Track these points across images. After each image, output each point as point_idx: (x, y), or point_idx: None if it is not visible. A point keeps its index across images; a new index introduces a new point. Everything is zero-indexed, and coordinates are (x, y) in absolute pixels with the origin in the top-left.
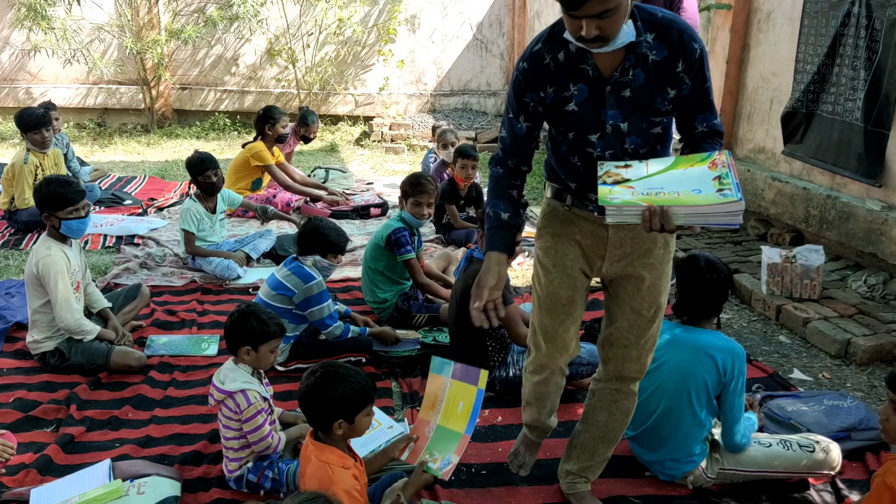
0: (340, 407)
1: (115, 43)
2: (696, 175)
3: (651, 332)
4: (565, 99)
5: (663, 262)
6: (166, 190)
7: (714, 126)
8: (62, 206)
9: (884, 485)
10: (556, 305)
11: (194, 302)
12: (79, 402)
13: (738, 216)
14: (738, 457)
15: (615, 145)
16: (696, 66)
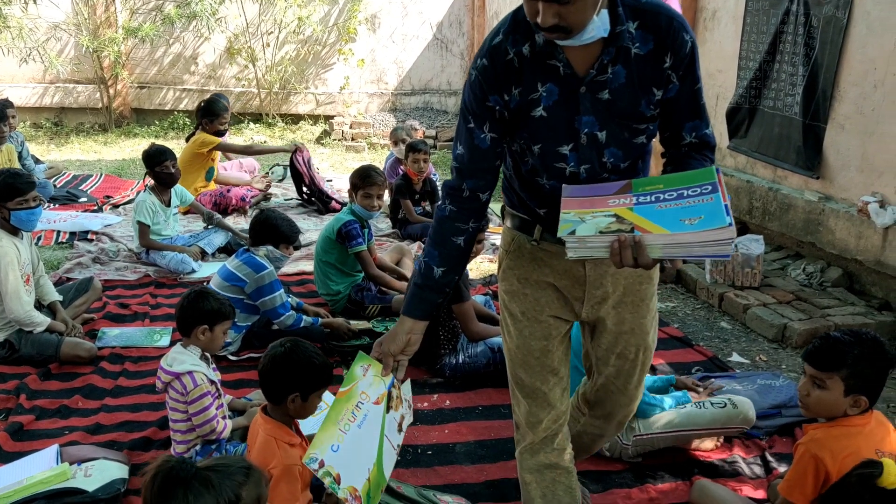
0: (298, 380)
1: (71, 41)
2: None
3: (638, 376)
4: (532, 102)
5: (647, 297)
6: (123, 188)
7: (704, 137)
8: (11, 197)
9: (807, 453)
10: (528, 358)
11: (147, 295)
12: (28, 392)
13: (729, 245)
14: (651, 421)
15: (591, 158)
16: (687, 63)
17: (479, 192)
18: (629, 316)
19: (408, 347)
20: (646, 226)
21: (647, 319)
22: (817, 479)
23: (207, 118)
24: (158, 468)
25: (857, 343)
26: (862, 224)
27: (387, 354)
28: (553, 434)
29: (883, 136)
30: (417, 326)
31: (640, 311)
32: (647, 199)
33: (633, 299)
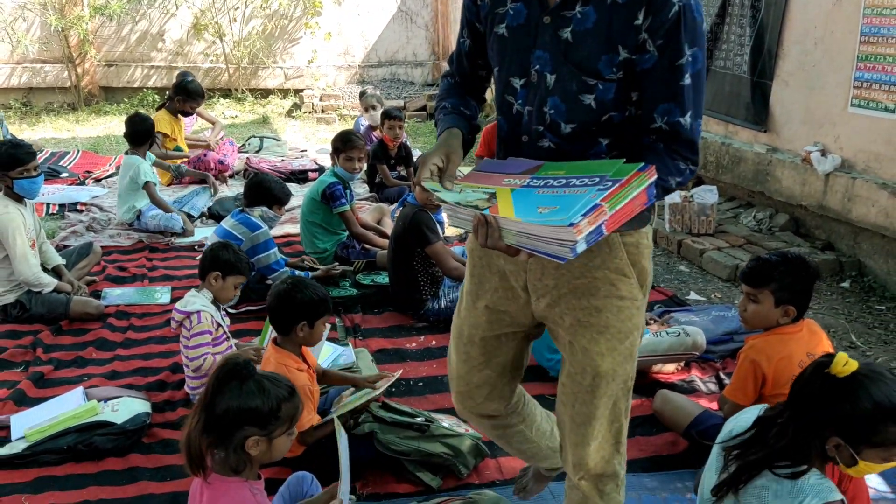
0: (305, 310)
1: (38, 21)
2: None
3: (593, 413)
4: (497, 17)
5: (611, 308)
6: (101, 163)
7: (677, 126)
8: (13, 167)
9: (746, 359)
10: (458, 341)
11: (143, 259)
12: (44, 347)
13: (568, 248)
14: None
15: (534, 102)
16: (668, 30)
17: (464, 85)
18: (580, 329)
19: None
20: (505, 209)
21: (603, 339)
22: (756, 381)
23: (181, 96)
24: (226, 362)
25: (783, 261)
26: (806, 172)
27: (424, 163)
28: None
29: (823, 89)
30: (454, 132)
31: (596, 321)
32: (538, 182)
33: (588, 304)
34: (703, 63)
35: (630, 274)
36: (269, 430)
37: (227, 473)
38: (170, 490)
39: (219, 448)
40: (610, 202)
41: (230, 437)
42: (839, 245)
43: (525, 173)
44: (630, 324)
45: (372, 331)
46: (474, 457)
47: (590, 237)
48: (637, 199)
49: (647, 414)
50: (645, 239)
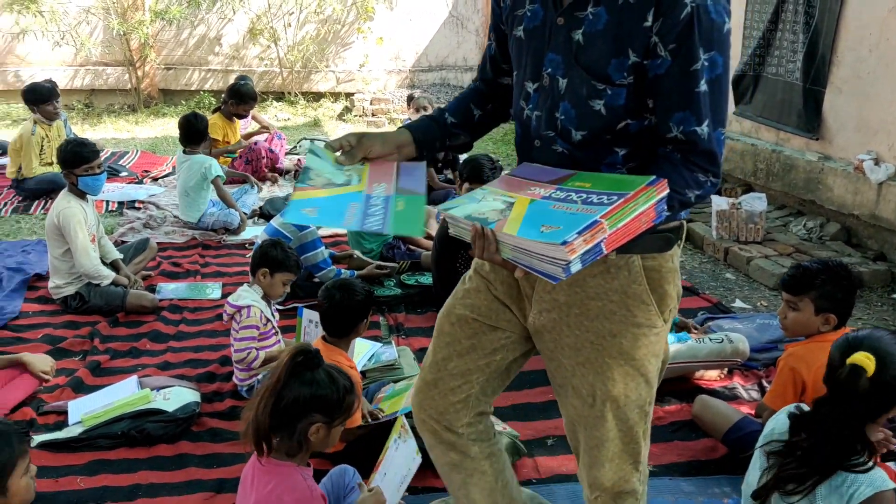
0: (359, 312)
1: (100, 25)
2: None
3: (605, 436)
4: (516, 19)
5: (627, 335)
6: (158, 163)
7: (693, 136)
8: (78, 164)
9: (786, 366)
10: (444, 320)
11: (196, 255)
12: (101, 337)
13: (560, 268)
14: None
15: (545, 107)
16: (680, 33)
17: (483, 91)
18: (593, 351)
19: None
20: (511, 222)
21: (616, 365)
22: (795, 388)
23: (234, 99)
24: (298, 351)
25: (823, 269)
26: (858, 181)
27: (361, 148)
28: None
29: (877, 97)
30: (408, 149)
31: (604, 347)
32: (560, 194)
33: (597, 328)
34: (724, 68)
35: (649, 301)
36: (332, 418)
37: (282, 458)
38: (216, 477)
39: (280, 432)
40: (610, 219)
41: (297, 422)
42: (891, 255)
43: (553, 182)
44: (646, 351)
45: (415, 330)
46: (511, 455)
47: (586, 256)
48: (643, 215)
49: (686, 419)
50: (669, 262)
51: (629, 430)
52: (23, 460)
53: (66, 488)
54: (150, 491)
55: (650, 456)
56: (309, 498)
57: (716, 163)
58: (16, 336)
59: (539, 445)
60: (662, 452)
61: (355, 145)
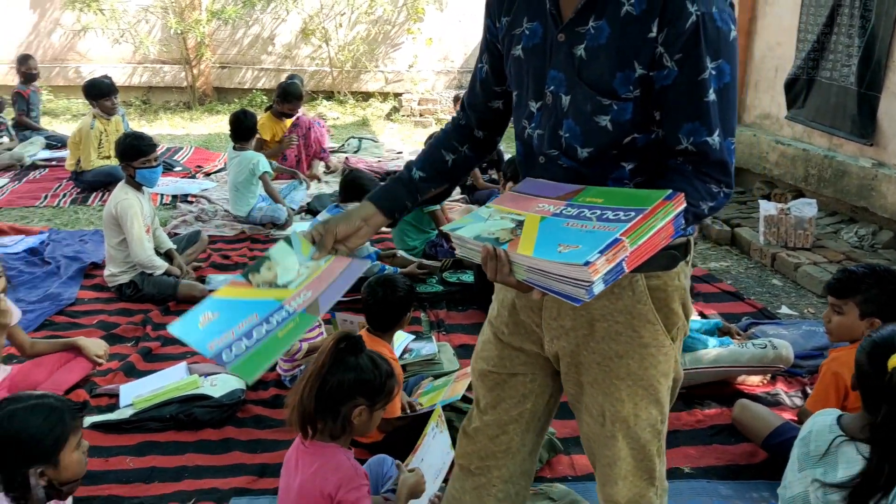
0: (402, 307)
1: (159, 24)
2: None
3: (617, 455)
4: (514, 38)
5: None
6: (211, 159)
7: (704, 147)
8: (137, 157)
9: (828, 371)
10: (474, 386)
11: (245, 248)
12: (153, 324)
13: (584, 289)
14: (696, 356)
15: (548, 125)
16: (686, 42)
17: (473, 127)
18: (601, 373)
19: (354, 237)
20: (525, 241)
21: (624, 386)
22: (838, 394)
23: (280, 99)
24: (342, 336)
25: (869, 273)
26: None
27: (330, 233)
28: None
29: None
30: (375, 218)
31: (611, 369)
32: (571, 211)
33: (604, 350)
34: (732, 76)
35: (655, 320)
36: (374, 402)
37: (326, 440)
38: (260, 462)
39: (324, 415)
40: (631, 236)
41: (340, 405)
42: None
43: (563, 198)
44: (654, 371)
45: (455, 327)
46: (548, 451)
47: (608, 276)
48: (662, 231)
49: (726, 423)
50: (675, 280)
51: (641, 448)
52: (74, 435)
53: (116, 468)
54: (195, 472)
55: (687, 458)
56: (353, 476)
57: (728, 173)
58: (72, 321)
59: (576, 444)
60: (701, 455)
61: (324, 233)
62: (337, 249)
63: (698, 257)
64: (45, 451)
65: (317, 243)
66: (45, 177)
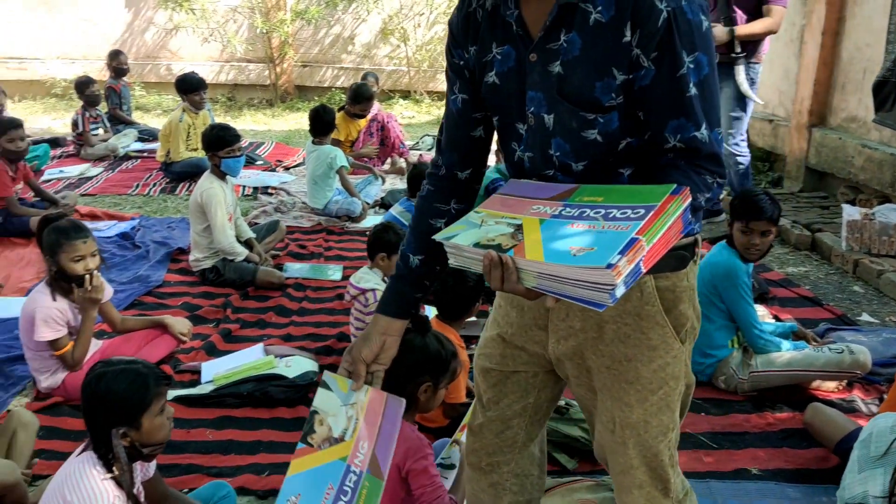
0: (471, 298)
1: (246, 23)
2: None
3: (629, 463)
4: (485, 65)
5: (641, 358)
6: (291, 154)
7: (693, 142)
8: (222, 147)
9: None
10: (476, 382)
11: (321, 239)
12: (233, 308)
13: (606, 293)
14: (769, 359)
15: (536, 147)
16: (660, 40)
17: (455, 170)
18: (609, 376)
19: (382, 353)
20: (531, 247)
21: (632, 390)
22: None
23: (351, 100)
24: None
25: None
26: None
27: (358, 361)
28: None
29: None
30: (393, 326)
31: (620, 372)
32: (572, 212)
33: (612, 352)
34: (711, 67)
35: (664, 322)
36: (439, 379)
37: None
38: None
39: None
40: (646, 235)
41: (407, 382)
42: None
43: (557, 198)
44: (663, 374)
45: None
46: None
47: (628, 279)
48: (673, 227)
49: (797, 427)
50: (684, 281)
51: (653, 457)
52: (157, 401)
53: (197, 439)
54: (269, 447)
55: (756, 459)
56: (420, 446)
57: (721, 164)
58: (159, 302)
59: None
60: (770, 458)
61: (353, 363)
62: (373, 374)
63: (775, 261)
64: (128, 413)
65: (351, 375)
66: (136, 167)
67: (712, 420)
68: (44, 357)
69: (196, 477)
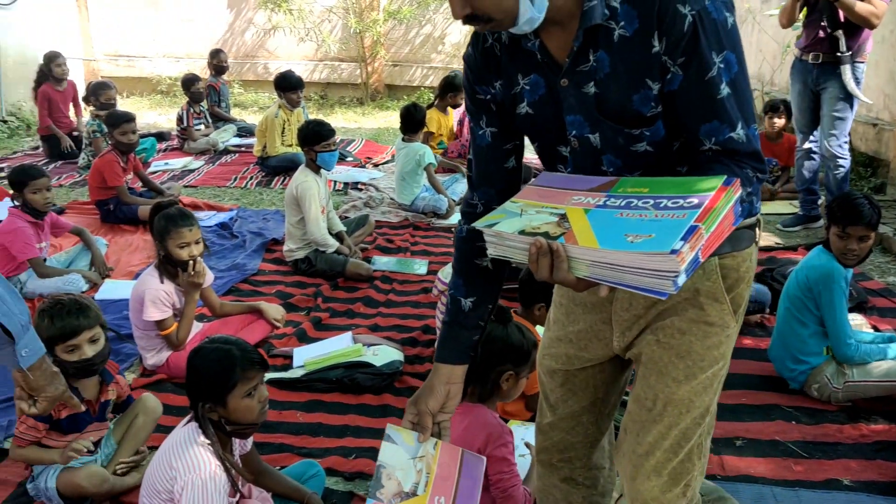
0: (544, 293)
1: (340, 23)
2: None
3: (657, 444)
4: (515, 98)
5: (696, 332)
6: (380, 151)
7: (730, 143)
8: (318, 141)
9: None
10: (540, 382)
11: (407, 234)
12: (323, 297)
13: (669, 280)
14: (867, 369)
15: (587, 166)
16: (686, 45)
17: (493, 204)
18: (658, 349)
19: (448, 402)
20: (582, 234)
21: (682, 364)
22: None
23: (445, 90)
24: None
25: None
26: None
27: (424, 413)
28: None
29: None
30: (455, 373)
31: (671, 345)
32: (617, 202)
33: (666, 326)
34: (740, 63)
35: (723, 299)
36: (520, 368)
37: (474, 401)
38: None
39: (475, 378)
40: (705, 222)
41: (489, 370)
42: None
43: (597, 190)
44: (716, 352)
45: None
46: None
47: (689, 267)
48: (726, 218)
49: (893, 440)
50: (748, 261)
51: (683, 436)
52: (244, 384)
53: (288, 420)
54: (356, 432)
55: (848, 470)
56: (501, 433)
57: (761, 160)
58: (254, 289)
59: (727, 445)
60: (862, 469)
61: (419, 415)
62: (439, 424)
63: (875, 270)
64: (213, 390)
65: (417, 426)
66: (234, 161)
67: (804, 429)
68: (150, 336)
69: (286, 456)
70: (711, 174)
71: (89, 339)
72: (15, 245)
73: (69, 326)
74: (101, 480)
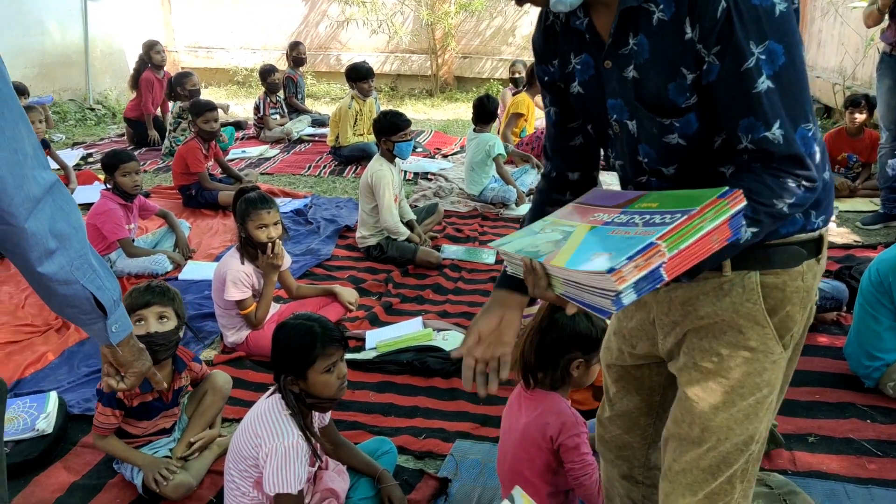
0: None
1: (411, 15)
2: None
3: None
4: (568, 77)
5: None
6: (449, 142)
7: (765, 143)
8: (395, 131)
9: None
10: (607, 367)
11: (476, 224)
12: (394, 283)
13: (609, 300)
14: None
15: (625, 154)
16: (721, 32)
17: (566, 172)
18: (695, 372)
19: (503, 330)
20: (563, 253)
21: (721, 391)
22: None
23: (530, 78)
24: None
25: None
26: None
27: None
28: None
29: None
30: (511, 299)
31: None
32: (624, 218)
33: (704, 347)
34: (790, 55)
35: (765, 323)
36: (590, 355)
37: (546, 389)
38: (482, 412)
39: (545, 366)
40: (669, 240)
41: (559, 357)
42: None
43: (619, 206)
44: (758, 379)
45: None
46: (768, 442)
47: (642, 285)
48: (715, 232)
49: None
50: (798, 280)
51: (723, 462)
52: (324, 359)
53: (360, 399)
54: (426, 413)
55: None
56: (575, 423)
57: (805, 165)
58: (328, 274)
59: (799, 441)
60: None
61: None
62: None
63: None
64: (294, 364)
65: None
66: (308, 150)
67: (878, 428)
68: (231, 315)
69: (359, 433)
70: (738, 184)
71: (158, 314)
72: (106, 226)
73: (142, 298)
74: (187, 489)
